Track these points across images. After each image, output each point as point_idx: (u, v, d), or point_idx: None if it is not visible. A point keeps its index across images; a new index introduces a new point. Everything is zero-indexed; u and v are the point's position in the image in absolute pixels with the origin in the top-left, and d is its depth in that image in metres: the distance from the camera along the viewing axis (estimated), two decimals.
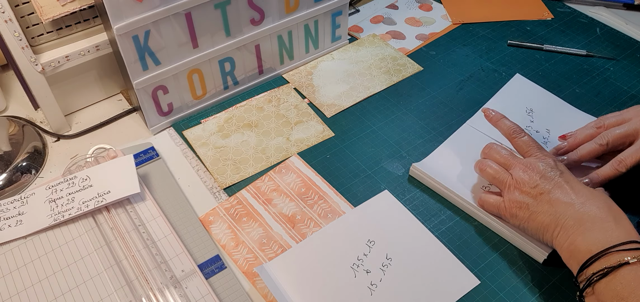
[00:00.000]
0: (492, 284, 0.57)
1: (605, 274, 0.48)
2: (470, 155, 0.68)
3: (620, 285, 0.47)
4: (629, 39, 0.89)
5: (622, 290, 0.47)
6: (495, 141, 0.67)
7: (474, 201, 0.62)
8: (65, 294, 0.56)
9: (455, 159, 0.68)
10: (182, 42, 0.70)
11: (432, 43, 0.90)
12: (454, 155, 0.69)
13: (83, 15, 0.71)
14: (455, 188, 0.64)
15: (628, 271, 0.47)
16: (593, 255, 0.49)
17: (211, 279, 0.57)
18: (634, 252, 0.47)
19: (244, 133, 0.74)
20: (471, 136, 0.71)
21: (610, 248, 0.48)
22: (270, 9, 0.75)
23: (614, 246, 0.48)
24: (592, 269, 0.49)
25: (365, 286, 0.56)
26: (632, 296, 0.46)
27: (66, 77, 0.74)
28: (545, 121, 0.73)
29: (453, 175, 0.66)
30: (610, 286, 0.47)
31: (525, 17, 0.95)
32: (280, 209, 0.64)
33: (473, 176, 0.65)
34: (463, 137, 0.71)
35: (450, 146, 0.70)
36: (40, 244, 0.60)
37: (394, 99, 0.79)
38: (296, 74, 0.84)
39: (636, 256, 0.47)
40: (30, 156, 0.71)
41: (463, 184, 0.65)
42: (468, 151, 0.69)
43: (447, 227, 0.62)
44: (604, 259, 0.48)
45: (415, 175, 0.67)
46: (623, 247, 0.48)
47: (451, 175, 0.66)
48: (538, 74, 0.83)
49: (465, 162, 0.67)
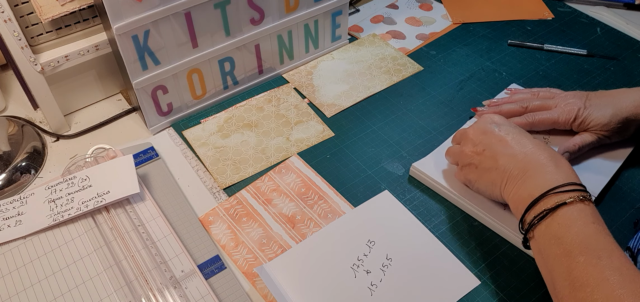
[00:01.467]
0: (493, 285, 0.57)
1: (543, 216, 0.49)
2: None
3: (557, 225, 0.48)
4: (629, 39, 0.89)
5: (558, 229, 0.48)
6: None
7: (474, 200, 0.62)
8: (64, 294, 0.56)
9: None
10: (182, 42, 0.70)
11: (432, 43, 0.90)
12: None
13: (82, 15, 0.70)
14: (455, 188, 0.64)
15: (565, 211, 0.48)
16: (534, 199, 0.50)
17: (211, 280, 0.57)
18: (572, 193, 0.49)
19: (244, 133, 0.74)
20: None
21: (549, 191, 0.50)
22: (270, 8, 0.75)
23: (552, 188, 0.50)
24: (533, 213, 0.50)
25: (366, 287, 0.56)
26: (567, 234, 0.47)
27: (66, 77, 0.74)
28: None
29: (453, 175, 0.65)
30: (548, 228, 0.49)
31: (526, 17, 0.95)
32: (280, 209, 0.64)
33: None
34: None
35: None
36: (40, 244, 0.60)
37: (394, 99, 0.79)
38: (296, 73, 0.84)
39: (573, 196, 0.48)
40: (30, 156, 0.70)
41: (463, 184, 0.64)
42: None
43: (447, 227, 0.62)
44: (543, 201, 0.50)
45: (415, 175, 0.67)
46: (562, 189, 0.49)
47: (451, 175, 0.65)
48: (538, 74, 0.83)
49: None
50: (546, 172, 0.52)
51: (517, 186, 0.53)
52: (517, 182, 0.53)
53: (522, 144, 0.55)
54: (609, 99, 0.65)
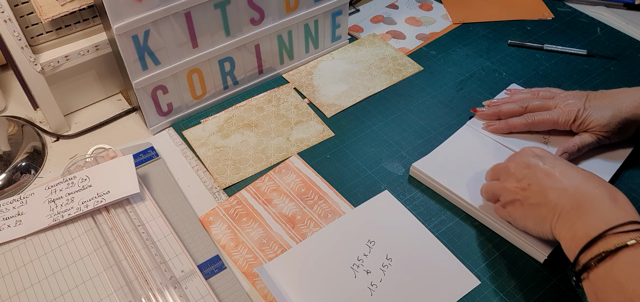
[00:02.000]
0: (493, 285, 0.57)
1: (602, 258, 0.45)
2: (470, 155, 0.68)
3: (618, 270, 0.44)
4: (629, 39, 0.89)
5: (619, 275, 0.44)
6: (495, 141, 0.68)
7: (474, 200, 0.62)
8: (64, 294, 0.56)
9: (455, 159, 0.68)
10: (182, 42, 0.70)
11: (432, 43, 0.90)
12: (454, 155, 0.69)
13: (82, 15, 0.70)
14: (455, 188, 0.64)
15: (627, 254, 0.44)
16: (591, 239, 0.46)
17: (211, 280, 0.57)
18: (633, 233, 0.44)
19: (244, 133, 0.74)
20: (472, 136, 0.71)
21: (608, 230, 0.45)
22: (270, 8, 0.75)
23: (612, 227, 0.46)
24: (590, 254, 0.46)
25: (366, 287, 0.56)
26: (629, 281, 0.43)
27: (65, 77, 0.74)
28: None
29: (453, 175, 0.65)
30: (608, 272, 0.44)
31: (526, 17, 0.95)
32: (280, 209, 0.64)
33: (473, 176, 0.65)
34: (463, 137, 0.71)
35: (450, 146, 0.70)
36: (40, 245, 0.60)
37: (394, 99, 0.79)
38: (296, 73, 0.84)
39: (635, 237, 0.44)
40: (30, 156, 0.70)
41: (463, 184, 0.64)
42: (468, 151, 0.69)
43: (447, 227, 0.62)
44: (601, 242, 0.46)
45: (415, 175, 0.67)
46: (622, 229, 0.45)
47: (451, 175, 0.65)
48: (538, 74, 0.83)
49: (465, 162, 0.67)
50: (603, 208, 0.47)
51: (571, 223, 0.49)
52: (571, 218, 0.49)
53: (571, 177, 0.52)
54: (609, 100, 0.64)
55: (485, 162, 0.64)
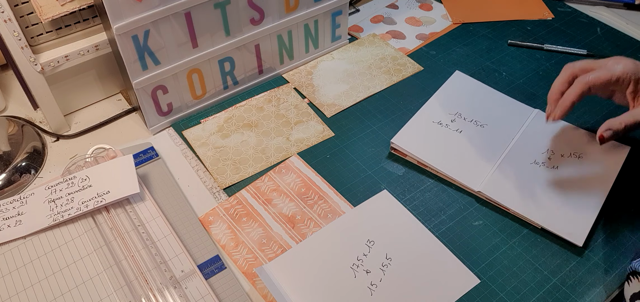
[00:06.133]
0: (493, 284, 0.57)
1: None
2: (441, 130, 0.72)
3: None
4: (629, 39, 0.89)
5: None
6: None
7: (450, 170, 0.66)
8: (64, 294, 0.56)
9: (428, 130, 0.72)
10: (182, 42, 0.70)
11: (432, 43, 0.90)
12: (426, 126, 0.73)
13: (82, 15, 0.70)
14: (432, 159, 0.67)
15: None
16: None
17: (211, 280, 0.57)
18: None
19: (244, 133, 0.74)
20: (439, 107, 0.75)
21: None
22: (270, 8, 0.75)
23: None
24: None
25: (365, 286, 0.56)
26: None
27: (65, 77, 0.74)
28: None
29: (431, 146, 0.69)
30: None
31: (526, 17, 0.95)
32: (280, 209, 0.64)
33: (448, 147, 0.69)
34: (433, 108, 0.75)
35: (422, 118, 0.74)
36: (40, 245, 0.60)
37: (394, 99, 0.79)
38: (296, 73, 0.84)
39: None
40: (30, 156, 0.70)
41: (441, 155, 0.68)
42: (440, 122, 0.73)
43: (447, 227, 0.62)
44: None
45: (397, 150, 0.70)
46: None
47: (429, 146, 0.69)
48: (538, 74, 0.83)
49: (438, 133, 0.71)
50: None
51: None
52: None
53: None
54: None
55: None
